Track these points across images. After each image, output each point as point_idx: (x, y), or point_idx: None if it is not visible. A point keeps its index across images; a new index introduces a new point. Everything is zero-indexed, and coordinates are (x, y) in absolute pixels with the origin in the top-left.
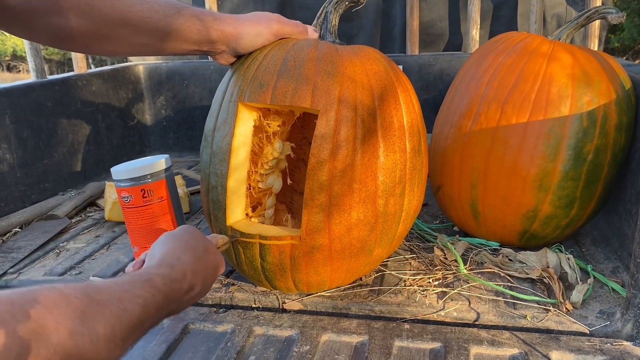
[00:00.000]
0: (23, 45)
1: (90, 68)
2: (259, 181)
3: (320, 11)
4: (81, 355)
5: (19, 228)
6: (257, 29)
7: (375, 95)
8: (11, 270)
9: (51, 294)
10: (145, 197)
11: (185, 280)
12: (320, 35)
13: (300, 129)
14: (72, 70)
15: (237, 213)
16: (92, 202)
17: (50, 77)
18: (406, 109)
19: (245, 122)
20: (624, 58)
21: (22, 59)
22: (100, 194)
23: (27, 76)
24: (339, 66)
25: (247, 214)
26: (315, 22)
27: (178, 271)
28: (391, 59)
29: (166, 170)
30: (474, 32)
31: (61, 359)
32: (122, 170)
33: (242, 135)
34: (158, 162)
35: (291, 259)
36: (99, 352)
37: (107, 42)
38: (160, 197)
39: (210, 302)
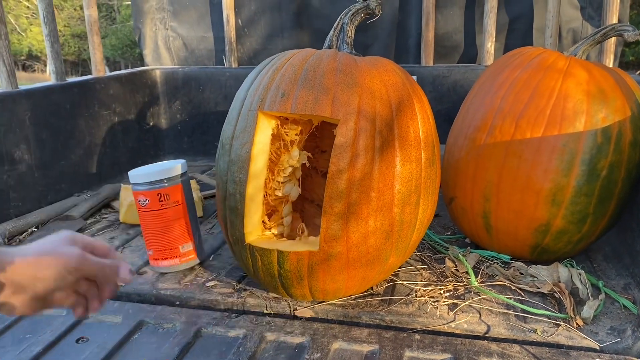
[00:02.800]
0: (38, 45)
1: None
2: (276, 189)
3: (336, 22)
4: None
5: (35, 227)
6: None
7: (392, 106)
8: None
9: None
10: (162, 200)
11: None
12: (337, 46)
13: (313, 138)
14: (86, 71)
15: (254, 220)
16: (107, 204)
17: (69, 80)
18: (422, 119)
19: (264, 131)
20: (638, 73)
21: (37, 58)
22: (115, 196)
23: (42, 75)
24: (358, 77)
25: (263, 222)
26: (331, 32)
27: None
28: (406, 70)
29: (182, 175)
30: (489, 45)
31: None
32: (139, 174)
33: (261, 143)
34: (175, 167)
35: (309, 266)
36: None
37: None
38: (176, 202)
39: (222, 307)
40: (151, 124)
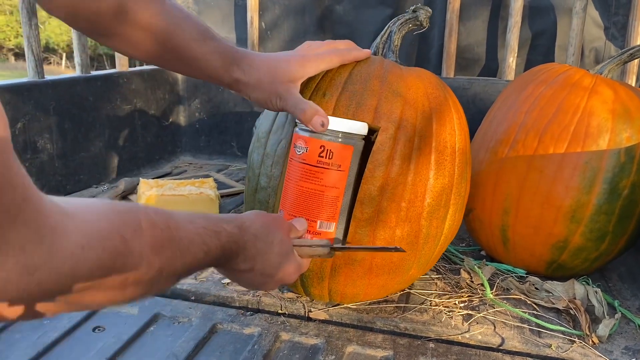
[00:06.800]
0: (56, 38)
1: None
2: None
3: (384, 30)
4: (146, 283)
5: None
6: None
7: (433, 119)
8: None
9: (144, 220)
10: (322, 156)
11: (244, 250)
12: (382, 54)
13: None
14: (101, 66)
15: None
16: (124, 197)
17: (94, 73)
18: (459, 135)
19: None
20: None
21: (54, 51)
22: (133, 189)
23: (57, 68)
24: (403, 87)
25: None
26: (378, 39)
27: (243, 237)
28: None
29: (361, 139)
30: (511, 60)
31: (133, 283)
32: None
33: None
34: (357, 124)
35: (332, 268)
36: (160, 284)
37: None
38: (339, 166)
39: (237, 305)
40: (170, 120)
